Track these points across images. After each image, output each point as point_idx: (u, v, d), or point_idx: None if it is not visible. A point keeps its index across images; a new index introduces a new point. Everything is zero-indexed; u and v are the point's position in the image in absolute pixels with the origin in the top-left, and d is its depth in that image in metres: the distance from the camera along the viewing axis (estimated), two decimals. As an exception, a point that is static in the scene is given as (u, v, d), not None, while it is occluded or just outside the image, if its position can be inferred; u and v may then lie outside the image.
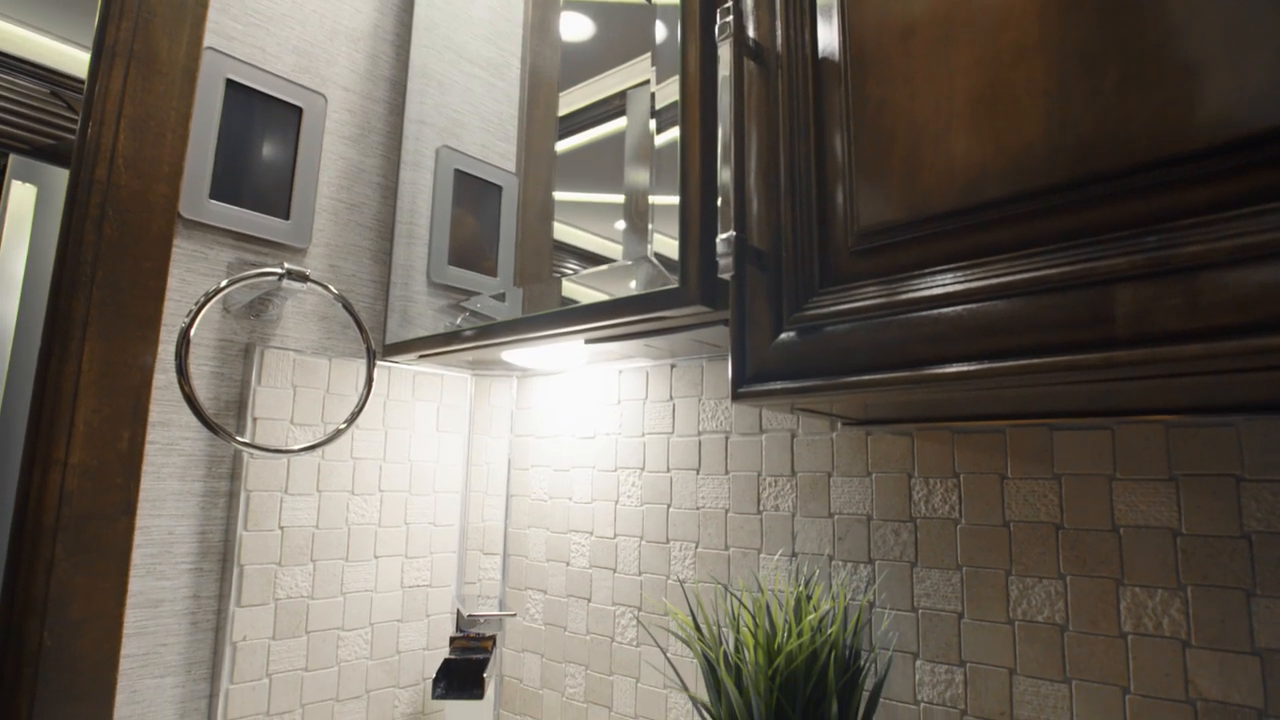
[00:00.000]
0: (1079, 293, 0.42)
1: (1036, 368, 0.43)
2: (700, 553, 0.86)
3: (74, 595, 0.74)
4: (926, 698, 0.69)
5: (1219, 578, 0.57)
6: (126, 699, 0.78)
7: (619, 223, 0.73)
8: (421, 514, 1.04)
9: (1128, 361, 0.40)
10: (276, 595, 0.88)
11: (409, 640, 1.02)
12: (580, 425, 1.01)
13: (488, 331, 0.84)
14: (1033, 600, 0.64)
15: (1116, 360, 0.40)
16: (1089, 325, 0.41)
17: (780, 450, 0.81)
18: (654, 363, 0.94)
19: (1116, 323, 0.40)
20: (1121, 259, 0.41)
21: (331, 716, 0.93)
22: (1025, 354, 0.44)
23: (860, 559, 0.74)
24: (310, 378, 0.93)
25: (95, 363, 0.77)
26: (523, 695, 1.03)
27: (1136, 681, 0.59)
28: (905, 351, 0.49)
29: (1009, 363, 0.44)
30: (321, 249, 0.98)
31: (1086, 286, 0.42)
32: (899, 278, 0.50)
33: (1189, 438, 0.59)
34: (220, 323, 0.88)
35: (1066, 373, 0.42)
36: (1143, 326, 0.39)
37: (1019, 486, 0.66)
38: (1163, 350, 0.38)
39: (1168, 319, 0.39)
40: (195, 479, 0.85)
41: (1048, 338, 0.43)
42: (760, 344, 0.56)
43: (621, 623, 0.93)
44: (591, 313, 0.72)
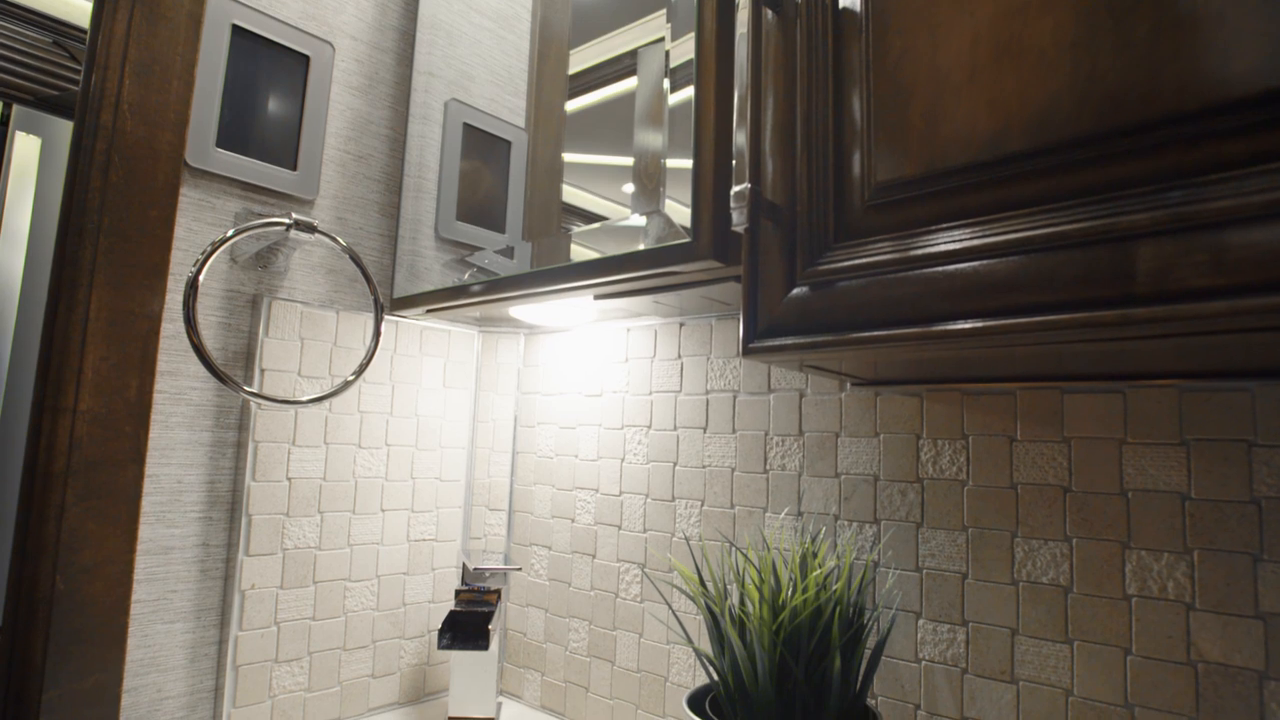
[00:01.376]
0: (1099, 249, 0.41)
1: (1052, 324, 0.42)
2: (706, 511, 0.86)
3: (85, 540, 0.75)
4: (928, 656, 0.70)
5: (1226, 542, 0.57)
6: (138, 643, 0.80)
7: (627, 186, 0.72)
8: (428, 469, 1.04)
9: (1146, 319, 0.39)
10: (284, 545, 0.89)
11: (415, 593, 1.03)
12: (587, 383, 1.01)
13: (496, 286, 0.84)
14: (1038, 562, 0.65)
15: (1134, 318, 0.39)
16: (1108, 282, 0.41)
17: (788, 410, 0.81)
18: (663, 321, 0.93)
19: (1137, 279, 0.40)
20: (1144, 214, 0.40)
21: (339, 665, 0.94)
22: (1041, 311, 0.43)
23: (866, 519, 0.74)
24: (317, 330, 0.93)
25: (103, 310, 0.77)
26: (526, 649, 1.05)
27: (1138, 643, 0.60)
28: (919, 307, 0.48)
29: (1024, 319, 0.43)
30: (329, 201, 0.98)
31: (1107, 242, 0.41)
32: (915, 233, 0.49)
33: (1202, 402, 0.59)
34: (227, 273, 0.88)
35: (1083, 329, 0.41)
36: (1164, 283, 0.39)
37: (1028, 449, 0.66)
38: (1184, 308, 0.38)
39: (1190, 276, 0.38)
40: (203, 429, 0.85)
41: (1065, 295, 0.42)
42: (772, 299, 0.55)
43: (626, 579, 0.93)
44: (601, 267, 0.72)
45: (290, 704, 0.89)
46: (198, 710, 0.84)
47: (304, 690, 0.91)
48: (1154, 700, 0.59)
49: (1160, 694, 0.58)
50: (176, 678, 0.82)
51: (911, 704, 0.70)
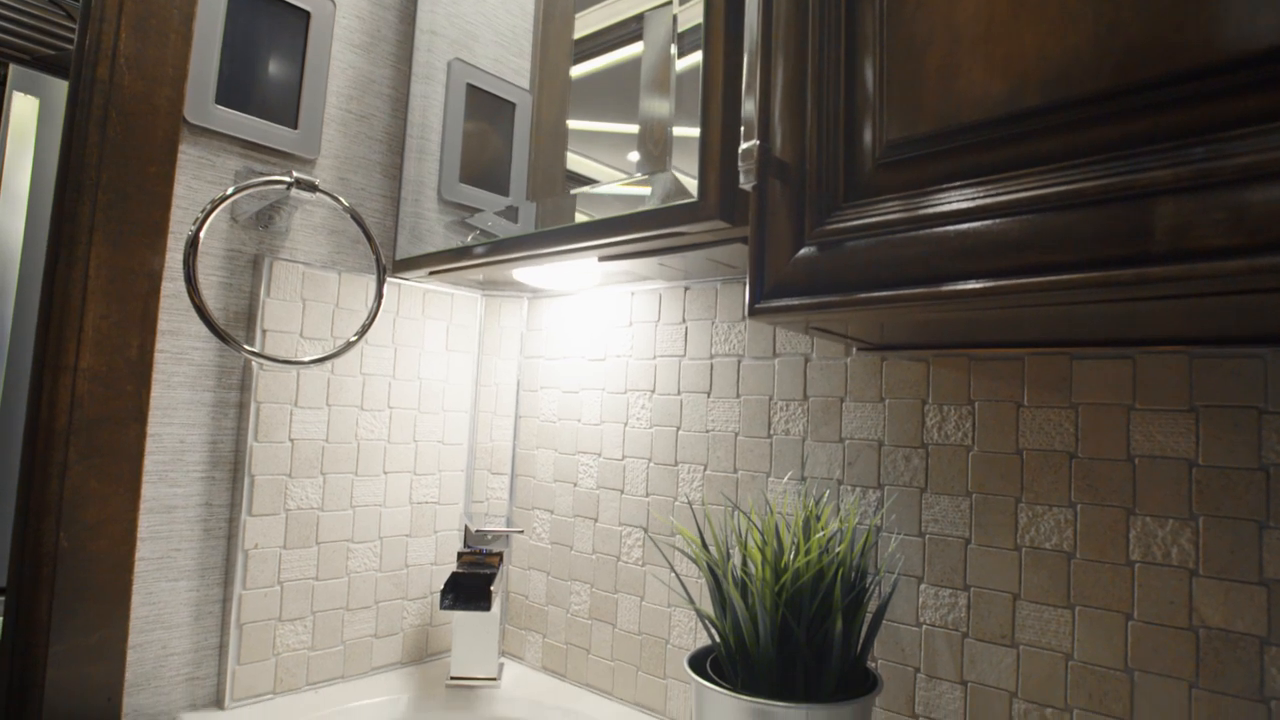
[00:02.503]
0: (1117, 207, 0.40)
1: (1066, 284, 0.42)
2: (709, 475, 0.86)
3: (88, 498, 0.75)
4: (929, 620, 0.70)
5: (1232, 509, 0.57)
6: (142, 600, 0.80)
7: (632, 154, 0.71)
8: (430, 432, 1.04)
9: (1163, 278, 0.38)
10: (287, 506, 0.89)
11: (417, 555, 1.03)
12: (591, 347, 1.00)
13: (500, 248, 0.83)
14: (1041, 528, 0.64)
15: (1151, 276, 0.39)
16: (1125, 241, 0.40)
17: (793, 374, 0.80)
18: (667, 284, 0.92)
19: (1154, 237, 0.39)
20: (1165, 171, 0.39)
21: (342, 624, 0.95)
22: (1055, 270, 0.42)
23: (870, 484, 0.74)
24: (319, 291, 0.92)
25: (102, 268, 0.76)
26: (528, 611, 1.05)
27: (1140, 609, 0.60)
28: (929, 267, 0.47)
29: (1036, 279, 0.43)
30: (330, 161, 0.96)
31: (1125, 200, 0.40)
32: (926, 192, 0.48)
33: (1213, 369, 0.58)
34: (228, 233, 0.87)
35: (1098, 289, 0.40)
36: (1183, 241, 0.38)
37: (1034, 415, 0.65)
38: (1202, 266, 0.37)
39: (1210, 234, 0.37)
40: (205, 389, 0.85)
41: (1080, 254, 0.41)
42: (779, 259, 0.54)
43: (628, 543, 0.94)
44: (606, 228, 0.71)
45: (294, 662, 0.90)
46: (202, 667, 0.85)
47: (307, 649, 0.91)
48: (1154, 665, 0.59)
49: (1160, 659, 0.59)
50: (181, 635, 0.83)
51: (911, 667, 0.71)
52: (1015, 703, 0.65)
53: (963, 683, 0.68)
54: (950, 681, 0.68)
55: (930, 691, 0.69)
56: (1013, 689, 0.65)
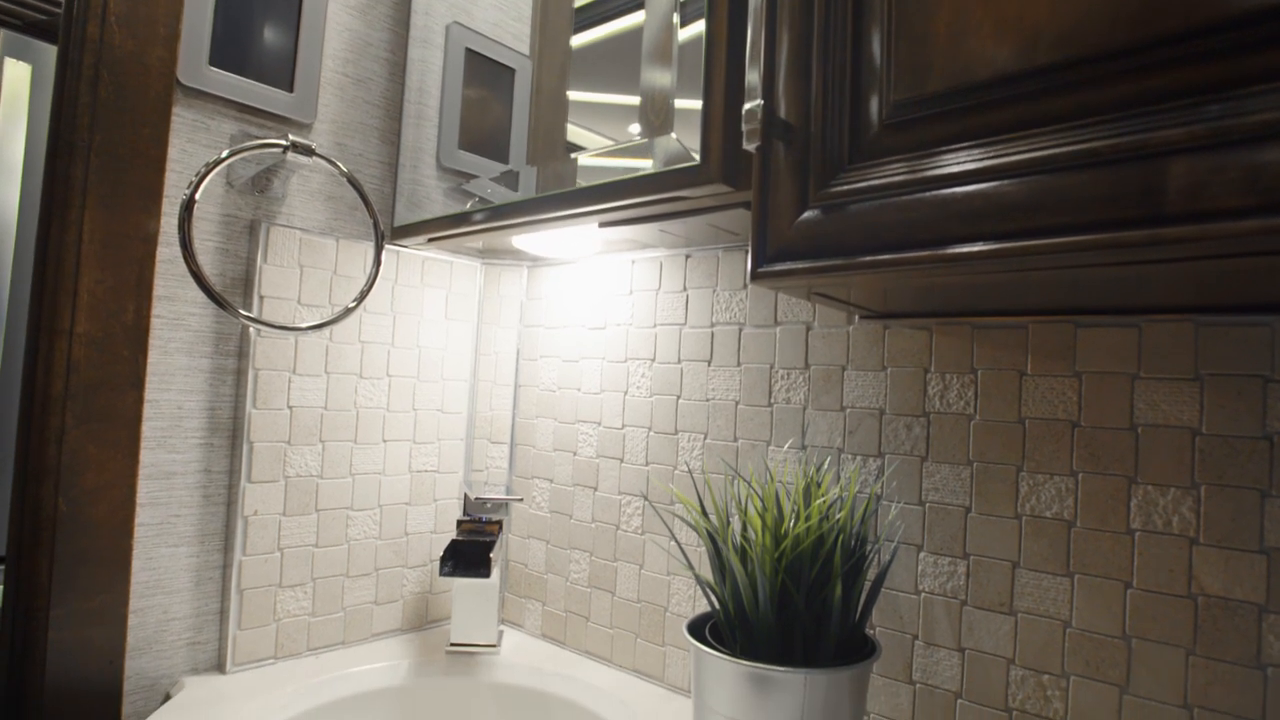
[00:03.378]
0: (1129, 166, 0.39)
1: (1075, 245, 0.41)
2: (709, 444, 0.86)
3: (86, 464, 0.75)
4: (928, 588, 0.70)
5: (1235, 478, 0.56)
6: (143, 565, 0.80)
7: (633, 126, 0.70)
8: (429, 401, 1.04)
9: (1176, 239, 0.37)
10: (286, 473, 0.89)
11: (417, 523, 1.03)
12: (591, 316, 1.00)
13: (499, 214, 0.82)
14: (1042, 496, 0.64)
15: (1163, 237, 0.38)
16: (1136, 201, 0.39)
17: (794, 343, 0.80)
18: (668, 252, 0.91)
19: (1167, 197, 0.38)
20: (1179, 129, 0.38)
21: (342, 591, 0.95)
22: (1063, 232, 0.41)
23: (870, 452, 0.74)
24: (317, 258, 0.92)
25: (96, 232, 0.75)
26: (528, 579, 1.06)
27: (1140, 577, 0.60)
28: (935, 230, 0.46)
29: (1045, 240, 0.42)
30: (327, 125, 0.95)
31: (1138, 160, 0.39)
32: (934, 153, 0.47)
33: (1219, 337, 0.57)
34: (224, 197, 0.85)
35: (1108, 251, 0.40)
36: (1196, 202, 0.37)
37: (1038, 383, 0.65)
38: (1215, 227, 0.36)
39: (1224, 194, 0.36)
40: (203, 355, 0.84)
41: (1090, 215, 0.40)
42: (782, 222, 0.54)
43: (627, 511, 0.94)
44: (606, 192, 0.70)
45: (294, 628, 0.91)
46: (204, 632, 0.85)
47: (308, 615, 0.92)
48: (1151, 632, 0.59)
49: (1158, 626, 0.59)
50: (182, 600, 0.83)
51: (910, 634, 0.71)
52: (1012, 669, 0.65)
53: (960, 650, 0.68)
54: (948, 649, 0.68)
55: (928, 658, 0.70)
56: (1010, 656, 0.65)
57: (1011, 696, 0.65)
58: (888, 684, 0.72)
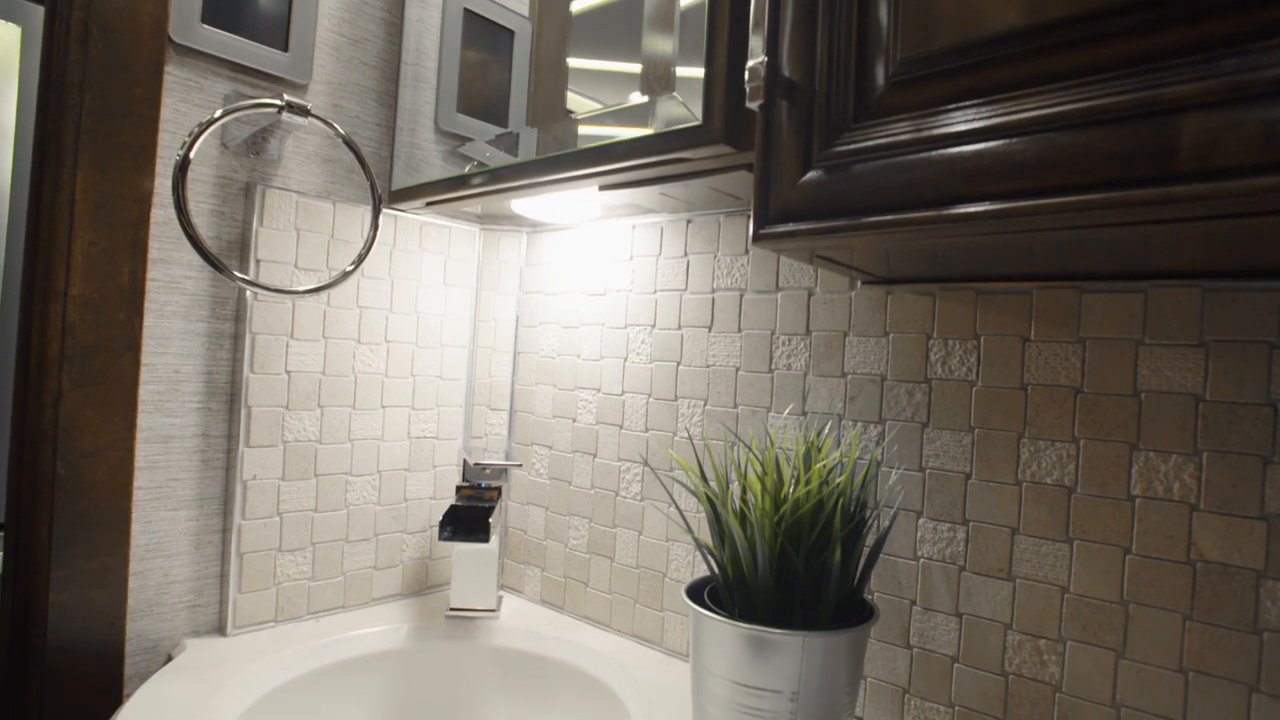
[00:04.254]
0: (1140, 123, 0.38)
1: (1083, 205, 0.40)
2: (709, 410, 0.86)
3: (83, 426, 0.74)
4: (926, 554, 0.70)
5: (1237, 444, 0.56)
6: (142, 528, 0.80)
7: (635, 94, 0.68)
8: (428, 367, 1.03)
9: (1188, 197, 0.37)
10: (285, 438, 0.89)
11: (416, 489, 1.04)
12: (590, 282, 0.99)
13: (498, 177, 0.81)
14: (1043, 463, 0.64)
15: (1174, 196, 0.37)
16: (1147, 159, 0.38)
17: (796, 308, 0.79)
18: (669, 217, 0.90)
19: (1179, 155, 0.37)
20: (1194, 85, 0.37)
21: (341, 556, 0.96)
22: (1072, 191, 0.41)
23: (871, 419, 0.74)
24: (314, 222, 0.90)
25: (89, 193, 0.74)
26: (527, 546, 1.06)
27: (1139, 543, 0.60)
28: (940, 189, 0.45)
29: (1053, 200, 0.41)
30: (323, 87, 0.93)
31: (1150, 116, 0.38)
32: (941, 110, 0.46)
33: (1226, 302, 0.57)
34: (219, 159, 0.84)
35: (1117, 210, 0.39)
36: (1209, 159, 0.36)
37: (1041, 349, 0.64)
38: (1229, 185, 0.35)
39: (1238, 150, 0.35)
40: (199, 319, 0.83)
41: (1099, 174, 0.40)
42: (785, 183, 0.53)
43: (626, 478, 0.94)
44: (607, 154, 0.69)
45: (294, 592, 0.91)
46: (204, 595, 0.85)
47: (308, 579, 0.92)
48: (1149, 598, 0.59)
49: (1156, 591, 0.59)
50: (182, 563, 0.83)
51: (907, 599, 0.71)
52: (1010, 634, 0.65)
53: (958, 615, 0.68)
54: (945, 614, 0.69)
55: (925, 623, 0.70)
56: (1007, 621, 0.66)
57: (1008, 661, 0.65)
58: (885, 648, 0.72)
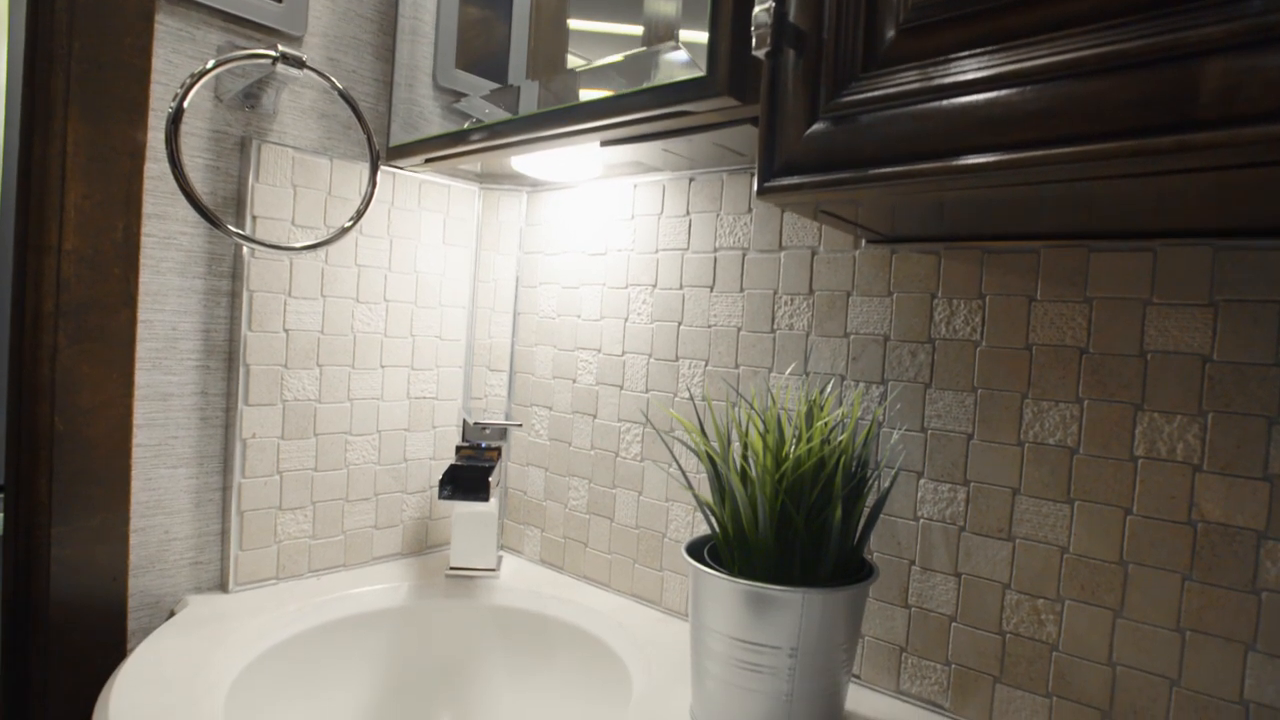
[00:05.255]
0: (1160, 68, 0.37)
1: (1098, 154, 0.39)
2: (710, 371, 0.85)
3: (81, 383, 0.74)
4: (926, 514, 0.70)
5: (1243, 405, 0.56)
6: (142, 485, 0.80)
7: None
8: (427, 327, 1.03)
9: (1206, 144, 0.36)
10: (284, 397, 0.89)
11: (416, 449, 1.03)
12: (591, 241, 0.98)
13: (498, 132, 0.79)
14: (1046, 423, 0.64)
15: (1192, 144, 0.36)
16: (1166, 105, 0.37)
17: (799, 268, 0.78)
18: (672, 175, 0.89)
19: (1199, 101, 0.36)
20: (1217, 27, 0.36)
21: (342, 515, 0.96)
22: (1086, 140, 0.39)
23: (873, 379, 0.73)
24: (311, 178, 0.89)
25: (81, 145, 0.72)
26: (526, 506, 1.06)
27: (1140, 504, 0.60)
28: (950, 140, 0.44)
29: (1065, 149, 0.40)
30: (318, 39, 0.91)
31: (1170, 61, 0.37)
32: (951, 59, 0.45)
33: (1237, 261, 0.56)
34: (213, 112, 0.83)
35: (1132, 159, 0.38)
36: (1230, 105, 0.35)
37: (1047, 309, 0.64)
38: (1249, 131, 0.34)
39: (1260, 95, 0.34)
40: (196, 276, 0.82)
41: (1115, 122, 0.38)
42: (791, 135, 0.52)
43: (626, 438, 0.94)
44: (608, 108, 0.67)
45: (295, 550, 0.91)
46: (205, 552, 0.86)
47: (308, 538, 0.93)
48: (1149, 558, 0.59)
49: (1156, 552, 0.59)
50: (183, 520, 0.84)
51: (907, 559, 0.71)
52: (1008, 594, 0.66)
53: (956, 575, 0.68)
54: (944, 574, 0.69)
55: (924, 583, 0.70)
56: (1006, 581, 0.66)
57: (1006, 620, 0.66)
58: (883, 608, 0.73)
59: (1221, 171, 0.38)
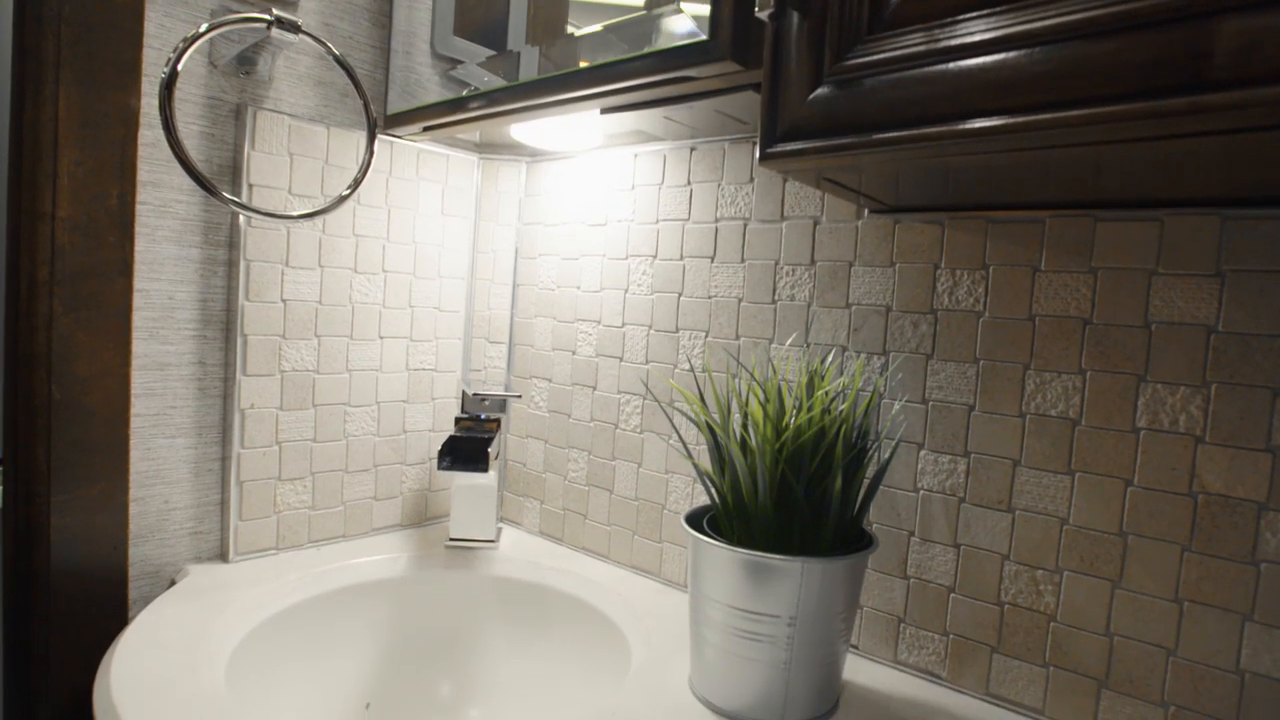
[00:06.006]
0: (1173, 28, 0.36)
1: (1107, 116, 0.38)
2: (710, 342, 0.85)
3: (77, 351, 0.74)
4: (926, 486, 0.70)
5: (1247, 376, 0.55)
6: (141, 455, 0.80)
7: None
8: (426, 298, 1.02)
9: (1220, 106, 0.35)
10: (282, 367, 0.88)
11: (415, 421, 1.03)
12: (591, 212, 0.97)
13: (496, 99, 0.78)
14: (1048, 395, 0.63)
15: (1205, 105, 0.35)
16: (1179, 66, 0.36)
17: (801, 238, 0.77)
18: (673, 145, 0.88)
19: (1214, 60, 0.35)
20: (1234, -15, 0.35)
21: (341, 486, 0.96)
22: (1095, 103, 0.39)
23: (875, 350, 0.73)
24: (307, 146, 0.88)
25: (73, 110, 0.71)
26: (526, 478, 1.07)
27: (1141, 475, 0.59)
28: (956, 103, 0.43)
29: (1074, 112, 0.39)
30: (314, 4, 0.89)
31: (1183, 20, 0.36)
32: (960, 19, 0.44)
33: (1246, 231, 0.55)
34: (207, 78, 0.81)
35: (1144, 122, 0.37)
36: (1245, 65, 0.34)
37: (1051, 280, 0.63)
38: (1264, 91, 0.34)
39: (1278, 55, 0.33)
40: (192, 245, 0.82)
41: (1125, 84, 0.38)
42: (794, 99, 0.51)
43: (626, 410, 0.93)
44: (609, 74, 0.66)
45: (295, 520, 0.91)
46: (205, 522, 0.86)
47: (308, 508, 0.93)
48: (1148, 529, 0.59)
49: (1156, 523, 0.59)
50: (182, 490, 0.83)
51: (906, 530, 0.71)
52: (1006, 565, 0.66)
53: (956, 546, 0.68)
54: (944, 545, 0.69)
55: (923, 554, 0.70)
56: (1005, 552, 0.66)
57: (1004, 591, 0.66)
58: (882, 579, 0.73)
59: (1234, 136, 0.37)
